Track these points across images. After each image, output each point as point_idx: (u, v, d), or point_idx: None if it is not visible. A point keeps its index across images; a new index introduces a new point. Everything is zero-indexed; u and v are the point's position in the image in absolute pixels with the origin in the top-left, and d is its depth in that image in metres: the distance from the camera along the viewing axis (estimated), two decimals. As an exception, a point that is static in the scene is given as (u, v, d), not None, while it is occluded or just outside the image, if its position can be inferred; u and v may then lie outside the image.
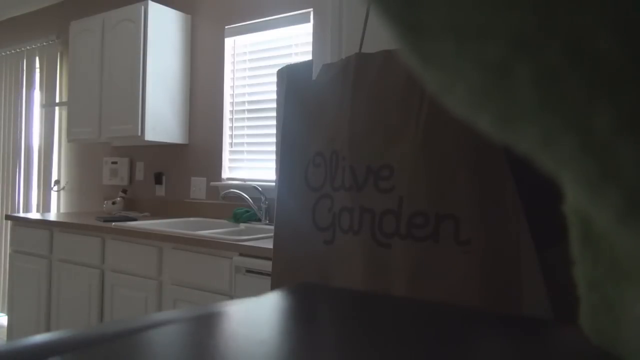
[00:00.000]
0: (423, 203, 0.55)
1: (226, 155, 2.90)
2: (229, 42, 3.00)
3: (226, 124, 2.96)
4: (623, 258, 0.23)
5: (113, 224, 2.42)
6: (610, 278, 0.24)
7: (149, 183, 3.20)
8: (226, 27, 2.97)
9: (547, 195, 0.28)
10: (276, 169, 0.75)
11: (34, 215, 2.97)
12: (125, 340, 0.24)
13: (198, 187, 2.94)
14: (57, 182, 3.74)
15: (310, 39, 2.69)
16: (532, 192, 0.51)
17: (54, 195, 3.75)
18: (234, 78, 2.99)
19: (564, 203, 0.24)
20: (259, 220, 2.51)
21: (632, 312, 0.23)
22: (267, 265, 1.72)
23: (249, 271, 1.86)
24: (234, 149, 2.90)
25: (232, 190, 2.58)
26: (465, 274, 0.53)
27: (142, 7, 2.83)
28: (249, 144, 2.86)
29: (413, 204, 0.56)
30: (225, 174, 2.88)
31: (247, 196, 2.54)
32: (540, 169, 0.18)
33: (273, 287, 0.72)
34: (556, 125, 0.16)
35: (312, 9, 2.67)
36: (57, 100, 3.71)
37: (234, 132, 2.93)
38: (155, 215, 3.06)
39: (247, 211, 2.53)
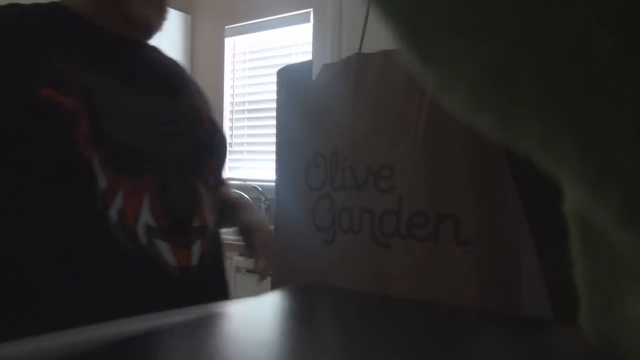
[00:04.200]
0: (423, 203, 0.55)
1: (226, 155, 2.89)
2: (229, 42, 3.00)
3: (226, 123, 2.96)
4: (623, 258, 0.23)
5: (113, 224, 2.41)
6: (610, 278, 0.24)
7: (149, 183, 3.19)
8: (226, 27, 2.97)
9: (547, 195, 0.28)
10: (276, 169, 0.75)
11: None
12: (125, 341, 0.24)
13: (198, 187, 2.94)
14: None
15: (310, 39, 2.69)
16: (532, 192, 0.51)
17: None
18: (234, 78, 2.99)
19: (564, 203, 0.24)
20: (259, 220, 2.50)
21: (633, 312, 0.23)
22: (267, 265, 1.72)
23: (249, 271, 1.87)
24: (233, 149, 2.90)
25: (232, 190, 2.57)
26: (466, 273, 0.53)
27: (142, 7, 2.82)
28: (249, 143, 2.86)
29: (413, 204, 0.56)
30: (225, 174, 2.87)
31: (247, 196, 2.54)
32: (540, 169, 0.18)
33: (273, 287, 0.72)
34: (556, 125, 0.16)
35: (312, 9, 2.67)
36: (57, 101, 3.70)
37: (234, 132, 2.93)
38: (155, 215, 3.05)
39: (247, 211, 2.53)
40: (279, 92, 0.75)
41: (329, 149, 0.66)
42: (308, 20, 2.68)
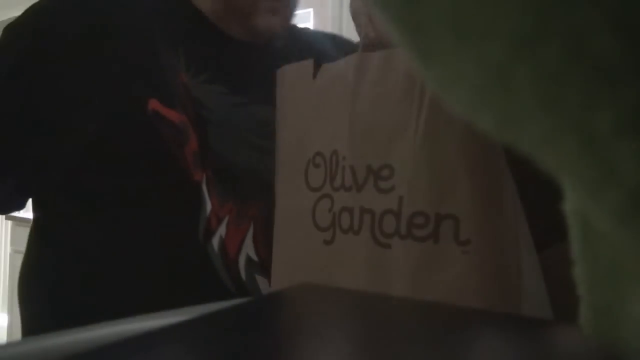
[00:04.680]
0: (423, 203, 0.55)
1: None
2: (229, 42, 3.00)
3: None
4: (623, 258, 0.23)
5: (113, 224, 2.41)
6: (610, 278, 0.24)
7: (149, 183, 3.19)
8: (226, 27, 2.96)
9: (547, 195, 0.28)
10: (276, 168, 0.75)
11: (34, 215, 2.97)
12: (125, 341, 0.24)
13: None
14: (57, 182, 3.73)
15: (310, 39, 2.69)
16: (532, 192, 0.51)
17: (53, 195, 3.74)
18: (234, 78, 2.99)
19: (564, 203, 0.24)
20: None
21: (633, 312, 0.23)
22: (267, 265, 1.72)
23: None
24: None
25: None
26: (465, 273, 0.53)
27: (142, 7, 2.82)
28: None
29: (413, 204, 0.56)
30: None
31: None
32: (540, 168, 0.18)
33: (273, 287, 0.72)
34: (556, 126, 0.16)
35: (312, 9, 2.67)
36: (57, 100, 3.70)
37: (234, 132, 2.92)
38: (155, 215, 3.05)
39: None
40: (278, 92, 0.75)
41: (328, 148, 0.66)
42: (308, 20, 2.68)
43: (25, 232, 2.66)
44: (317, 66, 0.70)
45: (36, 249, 0.82)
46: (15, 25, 0.79)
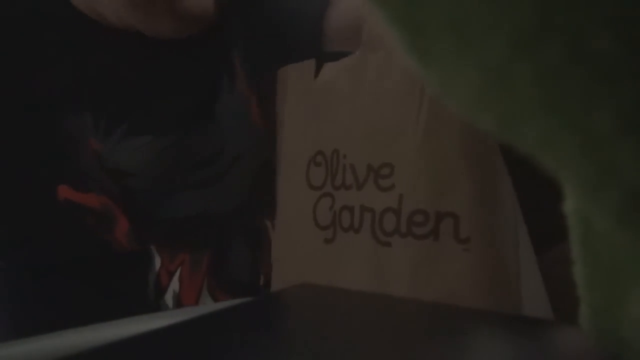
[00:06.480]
0: (423, 201, 0.56)
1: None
2: (229, 40, 2.99)
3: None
4: (623, 258, 0.23)
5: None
6: (610, 278, 0.24)
7: (150, 181, 3.18)
8: (226, 25, 2.96)
9: (547, 195, 0.27)
10: (277, 167, 0.75)
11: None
12: (124, 341, 0.24)
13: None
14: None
15: (310, 36, 2.68)
16: (532, 192, 0.51)
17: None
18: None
19: (564, 203, 0.24)
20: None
21: (633, 313, 0.23)
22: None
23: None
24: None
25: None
26: (465, 271, 0.53)
27: (142, 5, 2.80)
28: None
29: (413, 202, 0.56)
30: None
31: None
32: (540, 168, 0.18)
33: (273, 286, 0.72)
34: (556, 125, 0.16)
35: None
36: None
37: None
38: (155, 213, 3.05)
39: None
40: (280, 92, 0.75)
41: (329, 147, 0.66)
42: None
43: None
44: (320, 65, 0.70)
45: None
46: None
